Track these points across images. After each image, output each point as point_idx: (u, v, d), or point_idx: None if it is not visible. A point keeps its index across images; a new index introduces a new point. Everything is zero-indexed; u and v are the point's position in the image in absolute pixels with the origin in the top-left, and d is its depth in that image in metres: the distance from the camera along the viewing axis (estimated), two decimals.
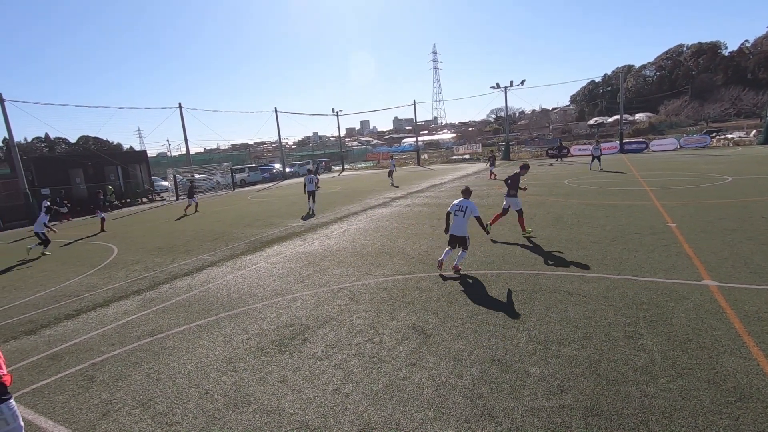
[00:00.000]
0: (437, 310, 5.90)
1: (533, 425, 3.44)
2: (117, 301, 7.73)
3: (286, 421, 3.79)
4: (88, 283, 9.27)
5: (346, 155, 59.67)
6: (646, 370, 4.04)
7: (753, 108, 59.84)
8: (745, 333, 4.56)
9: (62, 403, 4.48)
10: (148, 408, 4.22)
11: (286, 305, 6.70)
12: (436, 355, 4.68)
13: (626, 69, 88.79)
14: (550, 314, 5.45)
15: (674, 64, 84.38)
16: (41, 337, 6.37)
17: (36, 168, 27.23)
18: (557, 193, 16.00)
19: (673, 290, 5.87)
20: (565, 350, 4.53)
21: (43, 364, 5.45)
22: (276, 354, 5.10)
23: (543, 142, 49.38)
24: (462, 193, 7.72)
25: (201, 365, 4.99)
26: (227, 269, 9.22)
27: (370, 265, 8.49)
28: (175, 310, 6.99)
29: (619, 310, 5.38)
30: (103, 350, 5.68)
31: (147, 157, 35.81)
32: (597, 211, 11.74)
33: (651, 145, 36.67)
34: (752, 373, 3.86)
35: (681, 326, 4.83)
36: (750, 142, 35.07)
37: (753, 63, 70.01)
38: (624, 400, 3.64)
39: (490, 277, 7.10)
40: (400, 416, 3.71)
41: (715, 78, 73.52)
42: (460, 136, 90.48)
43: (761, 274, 6.19)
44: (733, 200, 11.79)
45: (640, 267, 6.92)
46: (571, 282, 6.53)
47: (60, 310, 7.54)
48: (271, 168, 45.69)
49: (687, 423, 3.30)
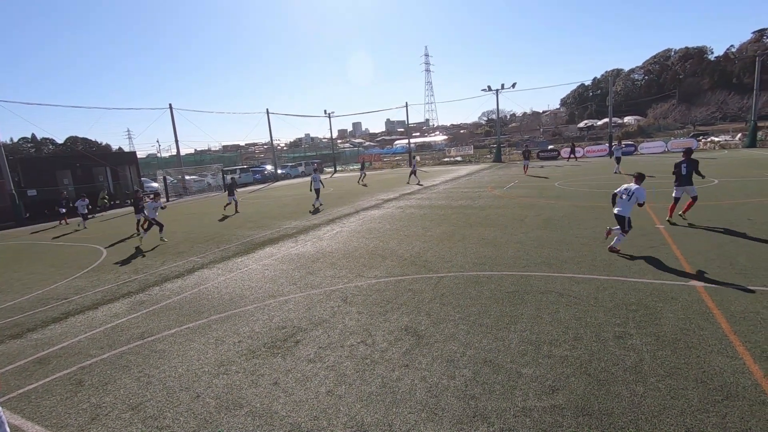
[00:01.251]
0: (430, 312, 5.92)
1: (525, 425, 3.46)
2: (106, 304, 7.63)
3: (279, 424, 3.77)
4: (76, 285, 9.14)
5: (338, 157, 59.58)
6: (636, 370, 4.09)
7: (738, 112, 61.07)
8: (731, 332, 4.64)
9: (50, 407, 4.41)
10: (138, 412, 4.17)
11: (279, 307, 6.67)
12: (429, 357, 4.70)
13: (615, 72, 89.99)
14: (542, 315, 5.49)
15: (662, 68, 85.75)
16: (28, 341, 6.27)
17: (23, 169, 26.77)
18: (548, 195, 16.14)
19: (662, 291, 5.95)
20: (557, 351, 4.57)
21: (30, 369, 5.36)
22: (268, 356, 5.07)
23: (534, 144, 49.82)
24: (634, 179, 7.97)
25: (192, 368, 4.95)
26: (218, 271, 9.15)
27: (363, 266, 8.49)
28: (165, 312, 6.92)
29: (609, 311, 5.44)
30: (91, 354, 5.60)
31: (137, 158, 35.39)
32: (587, 213, 11.87)
33: (640, 148, 37.20)
34: (738, 371, 3.93)
35: (669, 326, 4.90)
36: (736, 145, 35.75)
37: (738, 68, 71.43)
38: (614, 399, 3.69)
39: (482, 278, 7.14)
40: (393, 417, 3.71)
41: (702, 82, 74.87)
42: (452, 139, 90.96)
43: (747, 274, 6.30)
44: (719, 202, 12.00)
45: (629, 268, 7.01)
46: (562, 283, 6.59)
47: (47, 314, 7.42)
48: (263, 169, 45.49)
49: (676, 422, 3.35)
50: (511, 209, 13.58)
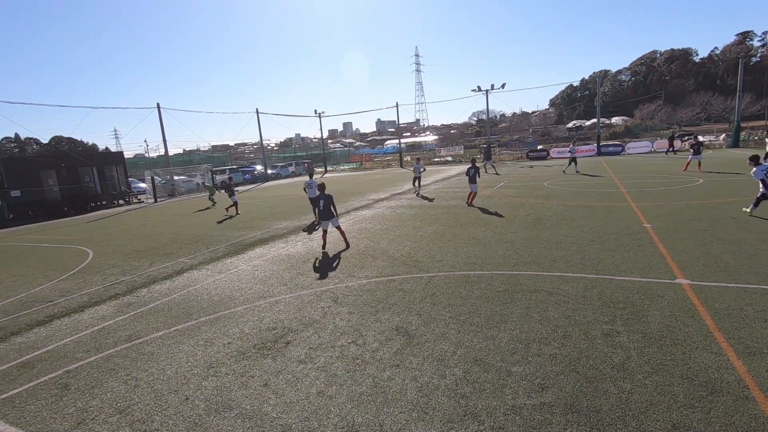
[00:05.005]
0: (420, 312, 5.93)
1: (515, 423, 3.49)
2: (92, 307, 7.51)
3: (269, 426, 3.75)
4: (61, 288, 8.98)
5: (328, 157, 59.43)
6: (623, 367, 4.15)
7: (722, 113, 62.22)
8: (716, 329, 4.73)
9: (35, 412, 4.33)
10: (125, 415, 4.11)
11: (269, 308, 6.63)
12: (420, 356, 4.71)
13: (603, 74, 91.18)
14: (531, 314, 5.54)
15: (648, 69, 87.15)
16: (11, 345, 6.14)
17: (5, 169, 26.23)
18: (537, 195, 16.28)
19: (649, 289, 6.04)
20: (546, 349, 4.62)
21: (13, 373, 5.25)
22: (258, 358, 5.04)
23: (523, 144, 50.24)
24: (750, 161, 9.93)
25: (181, 370, 4.89)
26: (208, 272, 9.06)
27: (353, 267, 8.48)
28: (153, 314, 6.83)
29: (597, 309, 5.51)
30: (77, 357, 5.51)
31: (124, 158, 34.94)
32: (575, 213, 12.00)
33: (627, 148, 37.71)
34: (723, 368, 4.01)
35: (656, 324, 4.98)
36: (720, 145, 36.44)
37: (722, 69, 72.87)
38: (602, 396, 3.73)
39: (472, 277, 7.18)
40: (384, 417, 3.71)
41: (687, 83, 76.28)
42: (443, 139, 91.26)
43: (730, 272, 6.43)
44: (704, 201, 12.22)
45: (617, 267, 7.10)
46: (551, 282, 6.65)
47: (32, 317, 7.28)
48: (253, 169, 45.18)
49: (662, 417, 3.41)
50: (501, 209, 13.67)
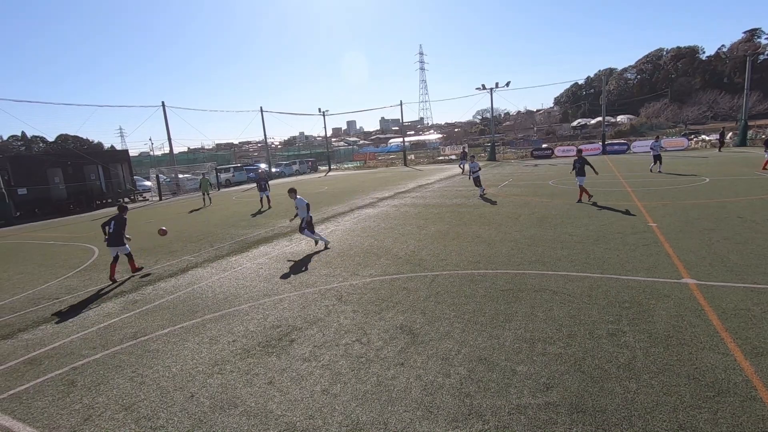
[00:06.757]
0: (425, 310, 5.93)
1: (520, 423, 3.48)
2: (98, 304, 7.56)
3: (274, 423, 3.76)
4: (67, 285, 9.04)
5: (332, 155, 59.45)
6: (629, 367, 4.12)
7: (729, 111, 61.64)
8: (722, 329, 4.69)
9: (42, 408, 4.37)
10: (131, 412, 4.14)
11: (273, 306, 6.64)
12: (424, 355, 4.70)
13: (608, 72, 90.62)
14: (536, 313, 5.52)
15: (654, 67, 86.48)
16: (19, 341, 6.19)
17: (12, 167, 26.45)
18: (542, 194, 16.22)
19: (655, 288, 6.00)
20: (551, 348, 4.60)
21: (21, 369, 5.29)
22: (263, 355, 5.05)
23: (528, 143, 50.02)
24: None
25: (186, 368, 4.92)
26: (212, 270, 9.09)
27: (358, 265, 8.48)
28: (159, 312, 6.87)
29: (602, 309, 5.48)
30: (84, 354, 5.55)
31: (129, 157, 35.17)
32: (580, 211, 11.94)
33: (632, 147, 37.47)
34: (730, 368, 3.98)
35: (662, 323, 4.95)
36: (727, 144, 36.08)
37: (729, 68, 72.19)
38: (608, 396, 3.72)
39: (477, 276, 7.16)
40: (389, 416, 3.71)
41: (693, 82, 75.61)
42: (447, 137, 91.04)
43: (737, 271, 6.38)
44: (710, 200, 12.12)
45: (623, 266, 7.06)
46: (556, 281, 6.62)
47: (38, 314, 7.34)
48: (257, 168, 45.24)
49: (668, 418, 3.39)
50: (505, 207, 13.63)
